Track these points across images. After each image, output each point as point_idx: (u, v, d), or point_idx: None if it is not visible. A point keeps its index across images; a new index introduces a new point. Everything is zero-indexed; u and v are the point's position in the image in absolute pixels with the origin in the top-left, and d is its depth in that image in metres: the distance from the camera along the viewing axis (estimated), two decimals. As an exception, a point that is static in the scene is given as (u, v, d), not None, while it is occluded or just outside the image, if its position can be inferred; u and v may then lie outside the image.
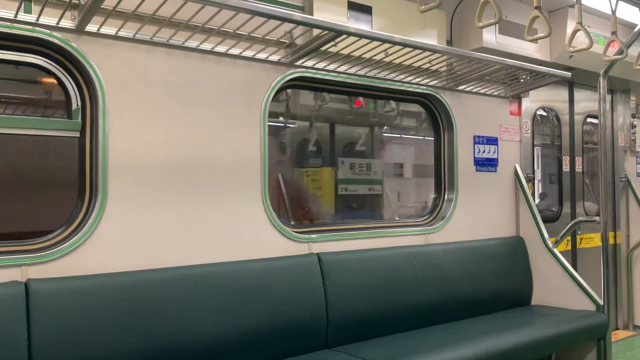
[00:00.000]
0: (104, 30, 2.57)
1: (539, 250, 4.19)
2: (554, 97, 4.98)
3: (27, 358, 2.21)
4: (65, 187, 2.72)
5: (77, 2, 2.48)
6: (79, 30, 2.52)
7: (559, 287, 4.04)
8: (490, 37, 3.84)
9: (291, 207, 4.26)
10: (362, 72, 3.45)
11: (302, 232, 3.28)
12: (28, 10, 2.43)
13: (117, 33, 2.60)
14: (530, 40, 2.88)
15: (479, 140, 4.19)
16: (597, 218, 4.01)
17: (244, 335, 2.75)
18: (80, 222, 2.56)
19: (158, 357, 2.50)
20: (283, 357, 2.88)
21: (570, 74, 4.01)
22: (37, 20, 2.43)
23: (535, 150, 4.75)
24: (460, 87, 4.01)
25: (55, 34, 2.49)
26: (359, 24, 3.29)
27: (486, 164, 4.24)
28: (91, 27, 2.53)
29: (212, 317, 2.67)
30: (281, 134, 4.67)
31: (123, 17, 2.53)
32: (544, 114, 4.98)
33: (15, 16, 2.38)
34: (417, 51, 3.20)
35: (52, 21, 2.46)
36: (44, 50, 2.54)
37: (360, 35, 2.91)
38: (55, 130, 2.61)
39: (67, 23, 2.50)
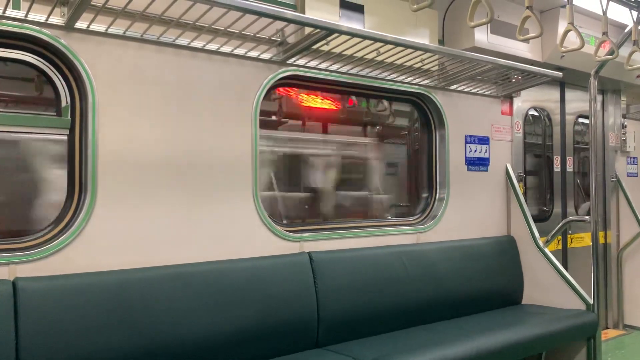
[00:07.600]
0: (93, 27, 2.54)
1: (530, 249, 4.20)
2: (546, 97, 5.00)
3: (14, 357, 2.19)
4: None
5: (66, -2, 2.46)
6: (69, 26, 2.50)
7: (550, 286, 4.05)
8: (482, 36, 3.85)
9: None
10: (354, 71, 3.44)
11: (293, 231, 3.27)
12: (17, 6, 2.40)
13: (107, 30, 2.58)
14: (522, 40, 2.88)
15: (470, 139, 4.20)
16: (587, 218, 4.02)
17: (234, 333, 2.74)
18: (70, 220, 2.54)
19: (147, 356, 2.48)
20: (274, 356, 2.87)
21: (561, 74, 4.02)
22: (26, 16, 2.40)
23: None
24: (452, 87, 4.01)
25: (44, 30, 2.46)
26: (351, 23, 3.29)
27: (478, 164, 4.24)
28: (81, 24, 2.51)
29: (203, 315, 2.66)
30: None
31: (113, 13, 2.51)
32: (536, 113, 4.99)
33: (4, 12, 2.36)
34: (409, 50, 3.19)
35: (41, 17, 2.44)
36: (33, 47, 2.52)
37: (352, 34, 2.90)
38: (45, 128, 2.58)
39: (56, 19, 2.48)
